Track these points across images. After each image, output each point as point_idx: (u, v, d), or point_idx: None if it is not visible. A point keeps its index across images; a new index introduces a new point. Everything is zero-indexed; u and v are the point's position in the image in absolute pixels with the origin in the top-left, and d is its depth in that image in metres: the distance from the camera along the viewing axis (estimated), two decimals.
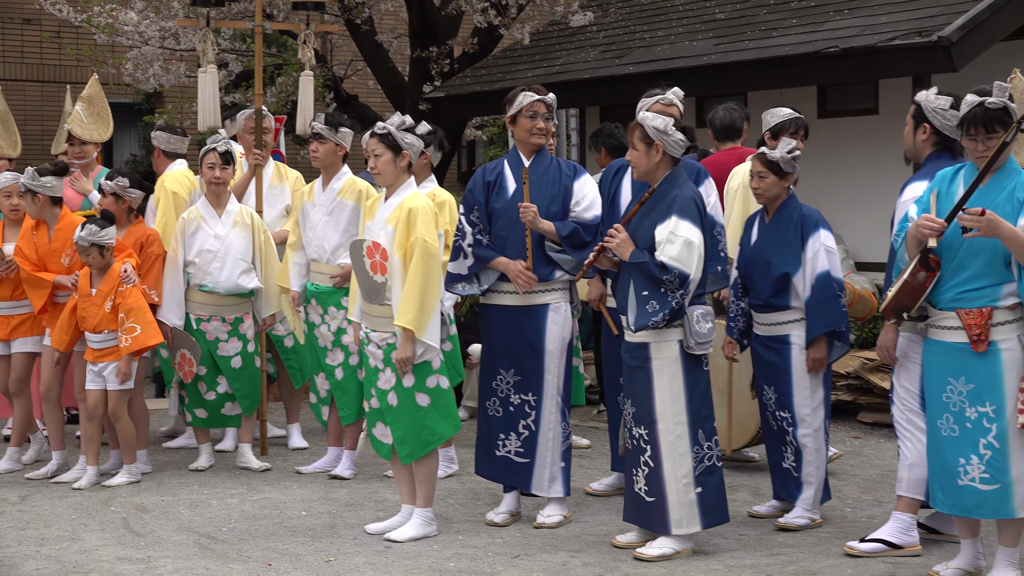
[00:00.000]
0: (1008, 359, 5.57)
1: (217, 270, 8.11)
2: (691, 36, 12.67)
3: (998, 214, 5.49)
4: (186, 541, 6.61)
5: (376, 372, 6.55)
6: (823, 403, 6.84)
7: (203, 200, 8.23)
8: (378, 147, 6.50)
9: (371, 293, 6.50)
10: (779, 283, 6.78)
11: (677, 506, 6.19)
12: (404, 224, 6.37)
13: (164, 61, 14.45)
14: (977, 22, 10.29)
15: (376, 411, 6.61)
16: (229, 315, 8.20)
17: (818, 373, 6.78)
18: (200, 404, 8.24)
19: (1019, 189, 5.59)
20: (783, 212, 6.86)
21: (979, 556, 5.82)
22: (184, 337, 8.11)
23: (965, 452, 5.62)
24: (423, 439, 6.49)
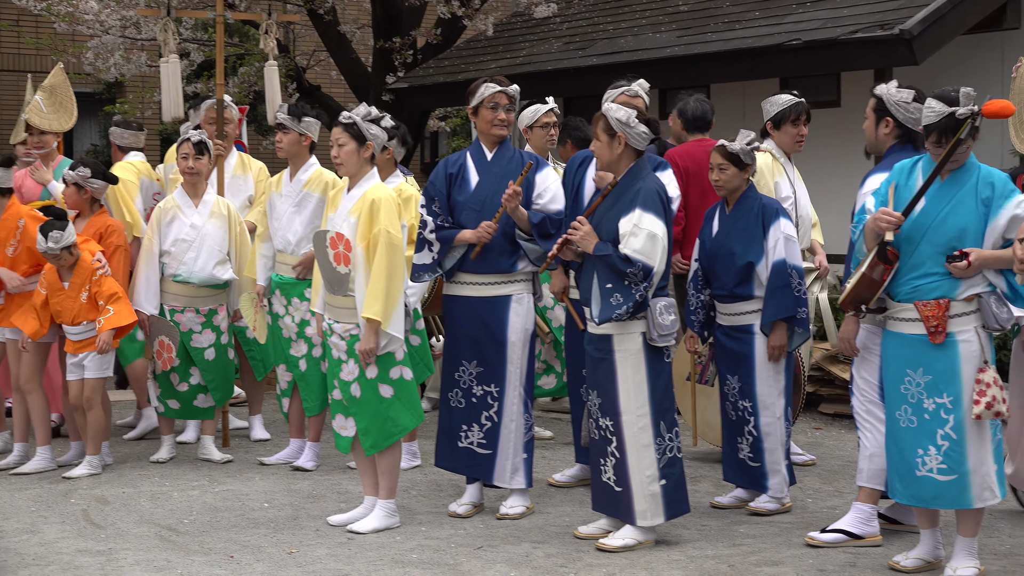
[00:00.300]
0: (965, 351, 5.62)
1: (192, 260, 8.09)
2: (654, 28, 12.69)
3: (960, 209, 5.56)
4: (147, 533, 6.58)
5: (339, 363, 6.54)
6: (784, 390, 6.89)
7: (180, 190, 8.21)
8: (342, 136, 6.48)
9: (334, 284, 6.49)
10: (743, 273, 6.82)
11: (642, 498, 6.22)
12: (367, 215, 6.36)
13: (125, 50, 14.37)
14: (938, 15, 10.35)
15: (338, 403, 6.60)
16: (203, 306, 8.18)
17: (779, 361, 6.82)
18: (172, 395, 8.20)
19: (982, 186, 5.63)
20: (743, 203, 6.90)
21: (938, 546, 5.86)
22: (162, 324, 8.08)
23: (923, 443, 5.66)
24: (386, 430, 6.49)
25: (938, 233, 5.62)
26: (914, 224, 5.62)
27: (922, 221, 5.63)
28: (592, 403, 6.37)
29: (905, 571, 5.81)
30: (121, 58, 14.33)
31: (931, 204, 5.64)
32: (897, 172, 5.84)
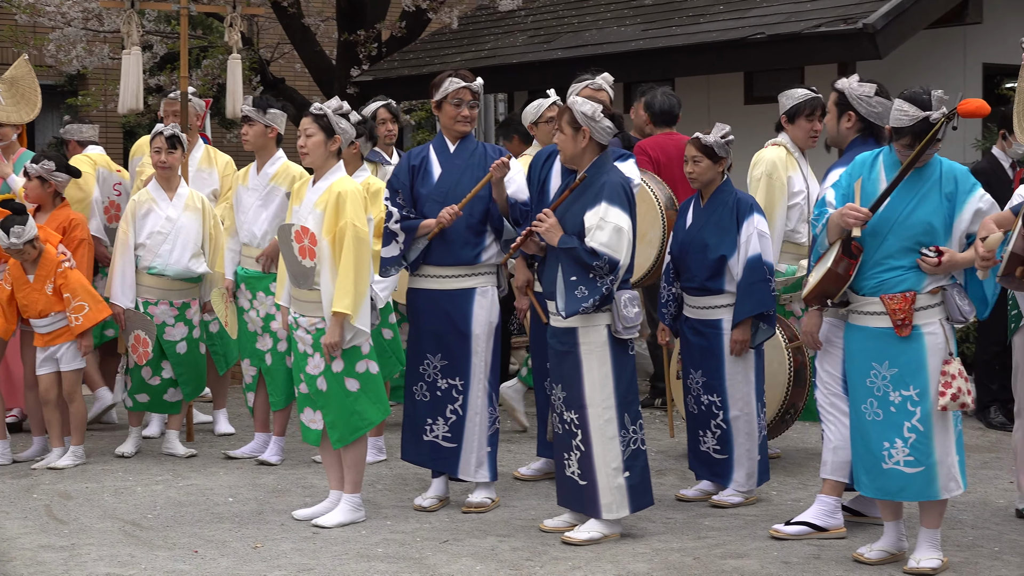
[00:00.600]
0: (931, 343, 5.65)
1: (167, 252, 8.05)
2: (619, 22, 12.70)
3: (925, 204, 5.62)
4: (111, 528, 6.54)
5: (305, 357, 6.51)
6: (755, 385, 6.91)
7: (154, 182, 8.16)
8: (311, 127, 6.46)
9: (300, 278, 6.46)
10: (715, 266, 6.83)
11: (607, 490, 6.22)
12: (333, 208, 6.34)
13: (87, 43, 14.27)
14: (901, 10, 10.40)
15: (305, 396, 6.57)
16: (177, 300, 8.14)
17: (743, 356, 6.84)
18: (143, 389, 8.14)
19: (946, 181, 5.67)
20: (718, 196, 6.90)
21: (902, 538, 5.89)
22: (139, 317, 8.03)
23: (889, 436, 5.68)
24: (353, 424, 6.47)
25: (904, 228, 5.65)
26: (880, 219, 5.65)
27: (888, 216, 5.66)
28: (556, 397, 6.37)
29: (869, 563, 5.83)
30: (83, 50, 14.24)
31: (896, 199, 5.66)
32: (859, 166, 5.85)
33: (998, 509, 6.82)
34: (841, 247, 5.66)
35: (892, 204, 5.66)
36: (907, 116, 5.59)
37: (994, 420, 8.94)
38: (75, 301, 7.64)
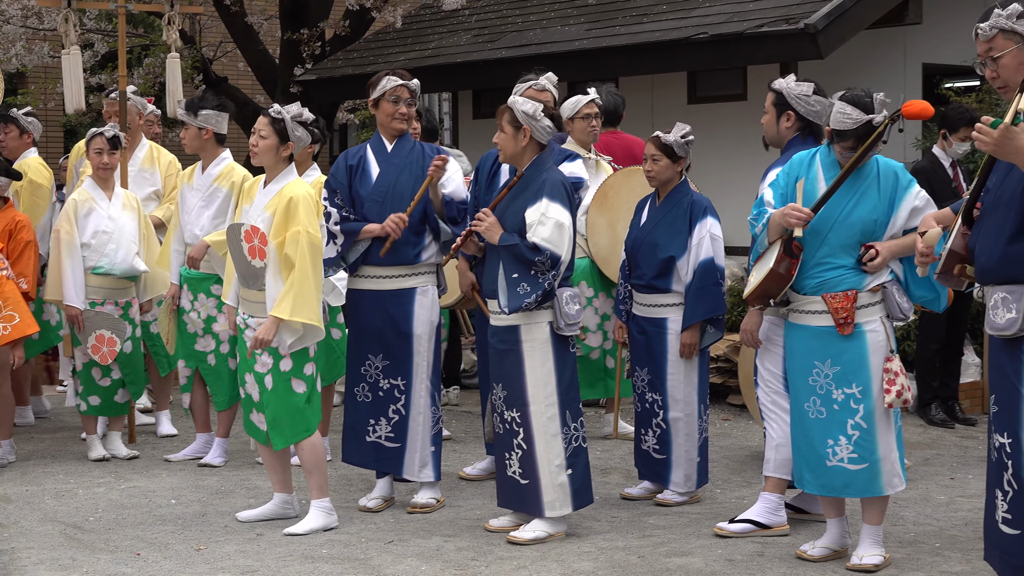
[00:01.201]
0: (872, 340, 5.69)
1: (113, 251, 7.98)
2: (563, 21, 12.71)
3: (864, 202, 5.67)
4: (52, 532, 6.47)
5: (253, 358, 6.46)
6: (698, 386, 6.92)
7: (90, 181, 8.07)
8: (266, 129, 6.40)
9: (249, 278, 6.39)
10: (663, 266, 6.83)
11: (550, 488, 6.22)
12: (283, 213, 6.27)
13: (27, 41, 14.13)
14: (842, 10, 10.46)
15: (249, 398, 6.51)
16: (121, 299, 8.08)
17: (691, 357, 6.86)
18: (94, 391, 8.05)
19: (884, 178, 5.73)
20: (674, 197, 6.91)
21: (845, 535, 5.92)
22: (103, 318, 7.94)
23: (833, 433, 5.71)
24: (296, 427, 6.41)
25: (844, 227, 5.69)
26: (820, 219, 5.68)
27: (828, 216, 5.69)
28: (497, 396, 6.36)
29: (812, 560, 5.86)
30: (23, 48, 14.10)
31: (836, 199, 5.70)
32: (796, 165, 5.88)
33: (939, 505, 6.88)
34: (782, 247, 5.69)
35: (832, 203, 5.69)
36: (850, 119, 5.63)
37: (935, 417, 9.02)
38: (5, 310, 7.49)
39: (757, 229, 5.85)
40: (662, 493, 6.94)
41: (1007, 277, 4.66)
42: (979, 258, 4.76)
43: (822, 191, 5.72)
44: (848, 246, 5.69)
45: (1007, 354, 4.70)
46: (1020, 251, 4.62)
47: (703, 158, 11.76)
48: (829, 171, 5.77)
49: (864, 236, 5.67)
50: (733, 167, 11.50)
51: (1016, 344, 4.67)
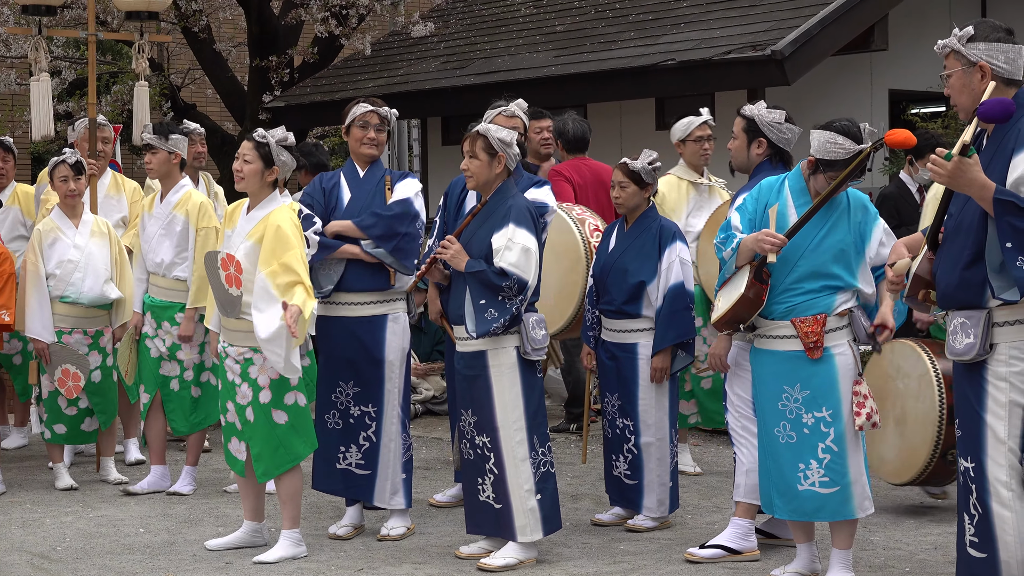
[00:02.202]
0: (841, 363, 5.71)
1: (80, 280, 7.90)
2: (531, 48, 12.76)
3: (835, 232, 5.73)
4: (18, 561, 6.42)
5: (233, 387, 6.34)
6: (669, 411, 6.92)
7: (57, 211, 8.01)
8: (251, 154, 6.32)
9: (227, 306, 6.30)
10: (633, 291, 6.83)
11: (520, 513, 6.21)
12: (271, 241, 6.16)
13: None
14: (808, 37, 10.54)
15: (231, 426, 6.42)
16: (91, 327, 8.00)
17: (661, 382, 6.87)
18: (59, 419, 7.97)
19: (854, 209, 5.78)
20: (642, 222, 6.90)
21: (815, 559, 5.93)
22: (68, 353, 7.88)
23: (804, 458, 5.72)
24: (279, 457, 6.31)
25: (815, 255, 5.72)
26: (791, 246, 5.70)
27: (798, 243, 5.71)
28: (466, 422, 6.34)
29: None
30: None
31: (808, 227, 5.72)
32: (766, 191, 5.90)
33: (909, 529, 6.89)
34: (752, 273, 5.71)
35: (803, 231, 5.72)
36: (842, 149, 5.64)
37: None
38: None
39: (725, 253, 5.86)
40: (633, 519, 6.94)
41: (965, 302, 4.70)
42: (939, 283, 4.80)
43: (792, 218, 5.75)
44: (817, 273, 5.72)
45: (968, 379, 4.74)
46: (976, 277, 4.65)
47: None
48: (799, 198, 5.80)
49: (834, 264, 5.71)
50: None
51: (976, 369, 4.70)
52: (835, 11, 10.77)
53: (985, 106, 4.55)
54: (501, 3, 14.87)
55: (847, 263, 5.73)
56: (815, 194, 5.75)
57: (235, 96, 14.95)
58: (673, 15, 12.09)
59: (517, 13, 14.19)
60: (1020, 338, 4.62)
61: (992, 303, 4.63)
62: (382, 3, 14.14)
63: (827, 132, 5.69)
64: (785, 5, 11.24)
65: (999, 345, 4.64)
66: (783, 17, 10.94)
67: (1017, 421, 4.63)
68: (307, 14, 13.74)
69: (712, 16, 11.68)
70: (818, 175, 5.74)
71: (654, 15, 12.31)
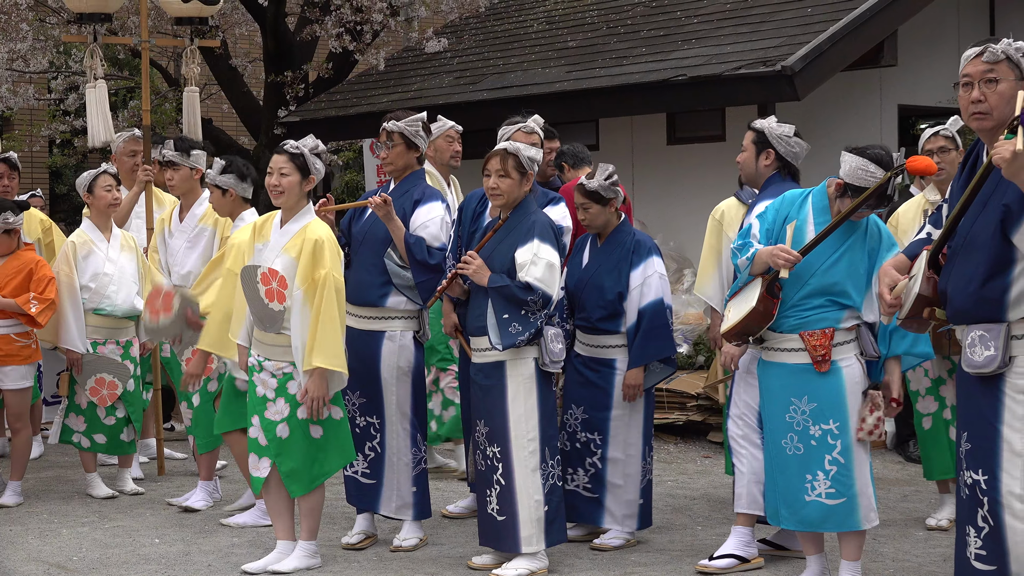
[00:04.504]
0: (849, 376, 5.73)
1: (114, 293, 7.99)
2: (544, 64, 12.77)
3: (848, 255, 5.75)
4: (36, 571, 6.44)
5: (264, 401, 6.19)
6: (643, 427, 6.82)
7: (89, 224, 8.07)
8: (287, 166, 6.22)
9: (266, 321, 6.16)
10: (610, 307, 6.72)
11: (528, 523, 6.20)
12: (310, 256, 6.07)
13: (12, 83, 14.13)
14: (818, 52, 10.54)
15: (253, 441, 6.26)
16: (122, 338, 8.08)
17: (634, 400, 6.76)
18: (99, 430, 8.03)
19: (871, 235, 5.80)
20: (616, 237, 6.80)
21: (825, 571, 5.93)
22: (106, 362, 7.95)
23: (812, 469, 5.73)
24: (314, 473, 6.20)
25: (826, 275, 5.74)
26: (804, 264, 5.70)
27: (812, 262, 5.73)
28: (479, 432, 6.34)
29: None
30: (7, 91, 14.09)
31: (822, 247, 5.73)
32: (788, 204, 5.91)
33: (918, 541, 6.89)
34: (765, 287, 5.71)
35: (818, 251, 5.73)
36: (874, 178, 5.64)
37: (913, 454, 9.02)
38: None
39: (740, 261, 5.86)
40: (600, 537, 6.80)
41: (983, 317, 4.66)
42: (952, 300, 4.76)
43: (810, 235, 5.76)
44: (827, 291, 5.74)
45: (982, 391, 4.70)
46: (994, 292, 4.63)
47: (683, 198, 11.84)
48: (820, 216, 5.80)
49: (843, 285, 5.73)
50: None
51: (993, 381, 4.66)
52: (845, 27, 10.77)
53: None
54: (514, 19, 14.90)
55: (858, 286, 5.75)
56: (836, 215, 5.75)
57: (251, 111, 14.99)
58: (684, 31, 12.10)
59: (530, 29, 14.21)
60: None
61: (1011, 315, 4.60)
62: (396, 19, 14.16)
63: (860, 159, 5.67)
64: (795, 21, 11.25)
65: (1018, 358, 4.61)
66: (793, 33, 10.94)
67: None
68: (322, 30, 13.78)
69: (723, 32, 11.69)
70: (845, 198, 5.73)
71: (665, 31, 12.32)
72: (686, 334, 10.65)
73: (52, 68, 14.37)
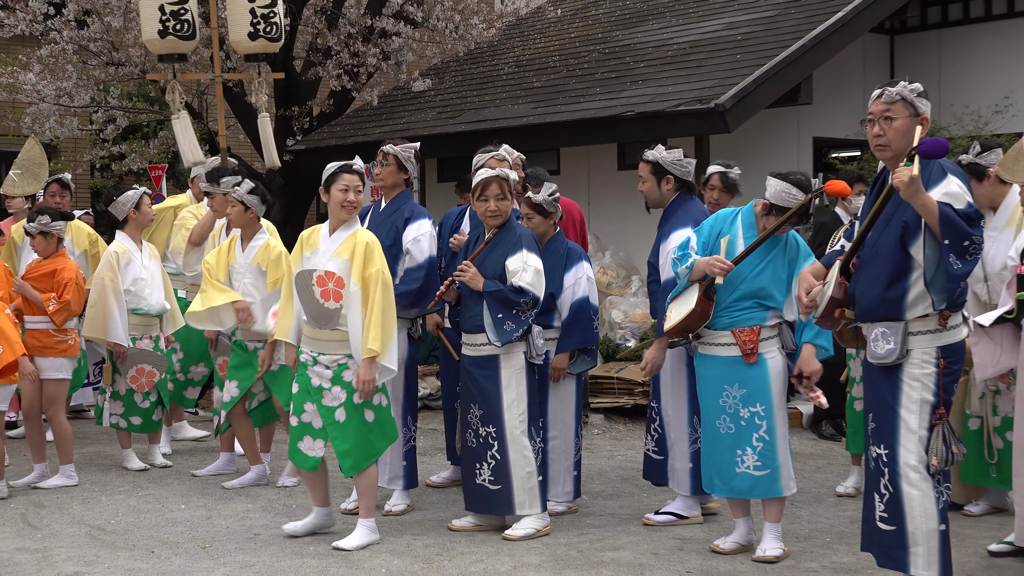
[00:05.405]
0: (773, 366, 5.75)
1: (149, 295, 8.00)
2: (513, 101, 12.77)
3: (772, 265, 5.78)
4: (78, 533, 6.40)
5: (320, 391, 5.99)
6: (574, 409, 6.76)
7: (125, 236, 8.03)
8: (359, 183, 6.08)
9: (322, 319, 5.99)
10: (545, 303, 6.54)
11: (521, 490, 6.17)
12: (362, 256, 5.92)
13: (59, 116, 14.04)
14: (746, 92, 10.57)
15: (306, 426, 6.04)
16: (153, 333, 8.08)
17: (558, 382, 6.67)
18: (135, 412, 8.01)
19: (790, 247, 5.82)
20: (552, 245, 6.71)
21: (751, 531, 5.94)
22: (147, 354, 7.95)
23: (741, 445, 5.75)
24: (366, 452, 6.07)
25: (753, 282, 5.78)
26: (735, 272, 5.73)
27: (742, 270, 5.75)
28: (472, 415, 6.29)
29: (724, 553, 5.88)
30: (55, 123, 14.00)
31: (751, 257, 5.76)
32: (721, 220, 5.92)
33: (829, 505, 6.91)
34: (702, 292, 5.73)
35: (747, 261, 5.76)
36: (795, 199, 5.66)
37: (825, 432, 9.07)
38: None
39: (680, 269, 5.87)
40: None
41: (885, 316, 4.71)
42: (860, 302, 4.80)
43: (740, 248, 5.78)
44: (755, 296, 5.76)
45: (884, 379, 4.75)
46: (895, 295, 4.68)
47: (631, 215, 11.84)
48: (748, 232, 5.83)
49: (768, 289, 5.75)
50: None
51: (893, 371, 4.72)
52: (768, 71, 10.81)
53: (927, 144, 4.51)
54: (488, 63, 14.90)
55: (780, 290, 5.79)
56: (762, 231, 5.77)
57: None
58: (633, 74, 12.13)
59: (501, 72, 14.22)
60: (931, 345, 4.65)
61: (908, 315, 4.65)
62: (387, 63, 14.15)
63: (784, 183, 5.69)
64: (726, 66, 11.28)
65: (913, 351, 4.67)
66: (725, 75, 10.97)
67: (926, 416, 4.66)
68: (324, 72, 13.75)
69: (665, 75, 11.72)
70: (770, 217, 5.75)
71: (616, 74, 12.34)
72: (634, 331, 10.67)
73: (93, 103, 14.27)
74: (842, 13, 11.54)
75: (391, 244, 6.64)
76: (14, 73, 13.67)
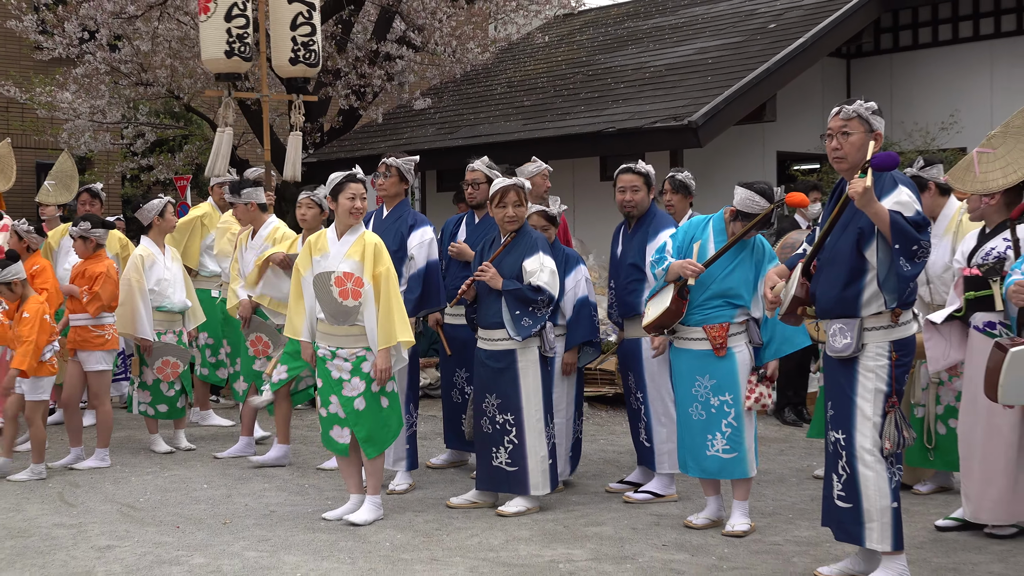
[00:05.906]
0: (740, 359, 5.75)
1: (172, 293, 8.00)
2: (505, 118, 12.78)
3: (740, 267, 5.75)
4: (110, 510, 6.38)
5: (340, 383, 5.94)
6: (574, 399, 6.77)
7: (149, 240, 8.02)
8: (364, 192, 6.04)
9: (340, 316, 5.90)
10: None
11: (536, 473, 6.16)
12: (372, 256, 5.87)
13: (93, 132, 14.02)
14: (717, 111, 10.60)
15: (333, 416, 5.99)
16: (176, 328, 8.07)
17: (570, 375, 6.70)
18: (162, 400, 8.00)
19: (756, 251, 5.81)
20: (552, 251, 6.60)
21: (721, 508, 5.95)
22: (171, 348, 7.94)
23: (711, 430, 5.75)
24: (384, 436, 6.05)
25: (723, 283, 5.77)
26: (707, 274, 5.74)
27: (713, 272, 5.75)
28: (489, 404, 6.22)
29: (697, 527, 5.88)
30: (90, 138, 13.98)
31: (721, 260, 5.76)
32: (694, 226, 5.92)
33: (792, 485, 6.92)
34: (677, 291, 5.73)
35: (717, 263, 5.75)
36: (758, 206, 5.66)
37: (787, 418, 9.08)
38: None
39: (657, 271, 5.88)
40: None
41: (842, 314, 4.73)
42: (820, 300, 4.81)
43: (711, 251, 5.78)
44: (724, 295, 5.75)
45: (841, 370, 4.76)
46: (851, 294, 4.70)
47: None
48: (718, 237, 5.83)
49: (737, 290, 5.75)
50: None
51: (849, 363, 4.73)
52: (737, 91, 10.83)
53: (879, 158, 4.52)
54: (482, 84, 14.91)
55: (748, 290, 5.78)
56: (731, 236, 5.77)
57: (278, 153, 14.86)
58: (614, 93, 12.14)
59: (494, 91, 14.22)
60: (884, 340, 4.67)
61: (863, 312, 4.66)
62: (391, 83, 14.15)
63: (748, 191, 5.68)
64: (699, 87, 11.30)
65: (868, 345, 4.68)
66: (697, 95, 10.99)
67: (880, 404, 4.66)
68: (333, 91, 13.76)
69: (643, 95, 11.73)
70: (737, 222, 5.75)
71: (599, 93, 12.35)
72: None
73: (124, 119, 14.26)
74: (803, 39, 11.58)
75: (396, 249, 6.63)
76: (52, 92, 13.65)
